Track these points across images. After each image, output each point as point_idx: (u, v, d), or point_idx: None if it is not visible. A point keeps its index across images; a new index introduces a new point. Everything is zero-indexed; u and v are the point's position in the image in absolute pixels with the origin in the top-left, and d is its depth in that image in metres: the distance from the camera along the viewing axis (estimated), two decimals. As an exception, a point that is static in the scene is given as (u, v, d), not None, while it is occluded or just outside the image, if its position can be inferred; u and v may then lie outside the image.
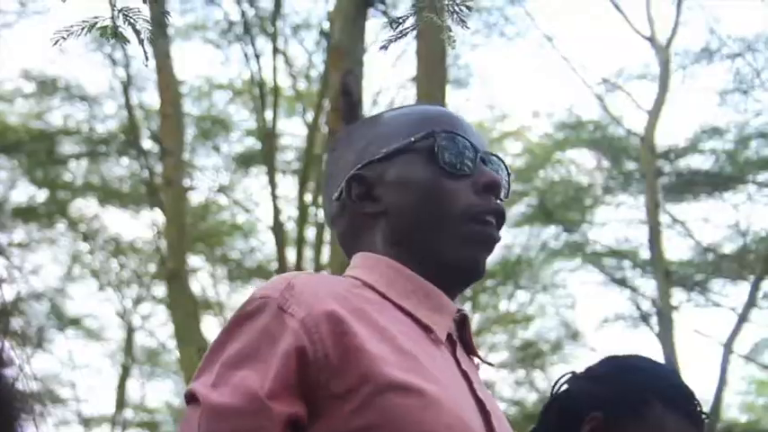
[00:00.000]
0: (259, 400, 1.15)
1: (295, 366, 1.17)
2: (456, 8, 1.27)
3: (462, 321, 1.37)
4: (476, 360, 1.40)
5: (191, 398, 1.21)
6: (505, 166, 1.43)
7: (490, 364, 1.62)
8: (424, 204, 1.33)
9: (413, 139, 1.36)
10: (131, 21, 1.08)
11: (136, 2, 1.13)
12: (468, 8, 1.28)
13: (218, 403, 1.16)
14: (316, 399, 1.18)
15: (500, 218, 1.36)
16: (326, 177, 1.45)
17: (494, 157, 1.40)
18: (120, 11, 1.08)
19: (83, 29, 1.08)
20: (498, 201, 1.37)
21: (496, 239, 1.35)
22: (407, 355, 1.22)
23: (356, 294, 1.27)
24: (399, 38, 1.30)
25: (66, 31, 1.08)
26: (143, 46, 1.10)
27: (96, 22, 1.08)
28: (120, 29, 1.09)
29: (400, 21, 1.29)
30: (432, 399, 1.19)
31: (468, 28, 1.31)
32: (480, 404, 1.28)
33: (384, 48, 1.31)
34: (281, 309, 1.20)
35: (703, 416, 1.70)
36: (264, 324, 1.20)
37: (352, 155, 1.40)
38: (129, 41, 1.11)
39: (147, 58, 1.08)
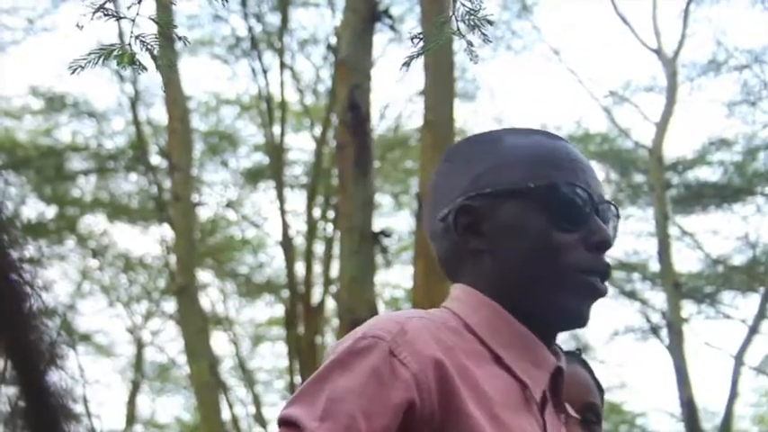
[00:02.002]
0: None
1: (402, 420, 1.18)
2: (477, 23, 1.26)
3: (556, 374, 1.36)
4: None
5: (289, 424, 1.19)
6: (616, 211, 1.41)
7: (578, 418, 1.65)
8: (535, 255, 1.32)
9: (532, 185, 1.33)
10: (149, 47, 1.08)
11: (145, 22, 1.13)
12: (490, 22, 1.27)
13: None
14: None
15: (607, 275, 1.36)
16: (434, 189, 1.42)
17: (606, 205, 1.38)
18: (136, 37, 1.08)
19: (100, 56, 1.08)
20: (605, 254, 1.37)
21: (604, 293, 1.35)
22: (499, 423, 1.23)
23: (457, 344, 1.27)
24: (421, 54, 1.29)
25: (84, 59, 1.08)
26: (161, 72, 1.10)
27: (113, 50, 1.08)
28: (137, 56, 1.08)
29: (421, 37, 1.28)
30: None
31: (490, 41, 1.30)
32: None
33: (406, 64, 1.29)
34: (392, 353, 1.20)
35: None
36: (374, 366, 1.19)
37: (465, 178, 1.37)
38: (146, 69, 1.11)
39: (164, 87, 1.07)
